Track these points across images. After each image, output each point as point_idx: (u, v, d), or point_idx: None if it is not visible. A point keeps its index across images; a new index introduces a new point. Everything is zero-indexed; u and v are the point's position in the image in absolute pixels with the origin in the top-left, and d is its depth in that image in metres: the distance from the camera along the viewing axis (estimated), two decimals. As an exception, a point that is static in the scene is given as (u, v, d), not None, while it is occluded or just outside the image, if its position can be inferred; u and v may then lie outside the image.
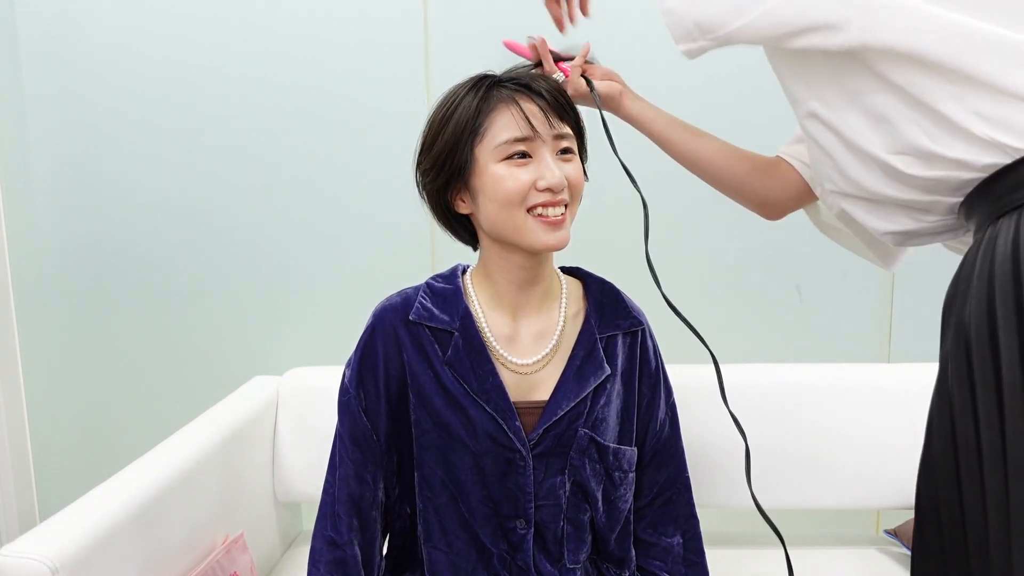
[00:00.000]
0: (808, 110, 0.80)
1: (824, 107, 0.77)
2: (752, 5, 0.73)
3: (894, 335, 1.70)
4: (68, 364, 1.78)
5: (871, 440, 1.47)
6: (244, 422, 1.42)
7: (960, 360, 0.69)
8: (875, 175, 0.76)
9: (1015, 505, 0.64)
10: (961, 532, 0.70)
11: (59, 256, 1.75)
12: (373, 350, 0.99)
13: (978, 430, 0.67)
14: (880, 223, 0.81)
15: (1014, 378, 0.65)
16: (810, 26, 0.71)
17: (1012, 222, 0.67)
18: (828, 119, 0.77)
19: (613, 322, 1.04)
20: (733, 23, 0.75)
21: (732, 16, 0.74)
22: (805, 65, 0.78)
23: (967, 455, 0.69)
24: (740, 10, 0.74)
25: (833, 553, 1.48)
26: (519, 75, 0.97)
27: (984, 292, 0.68)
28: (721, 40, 0.77)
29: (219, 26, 1.66)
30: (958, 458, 0.70)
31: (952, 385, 0.71)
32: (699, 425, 1.47)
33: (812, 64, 0.77)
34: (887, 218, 0.80)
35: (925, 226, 0.79)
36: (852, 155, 0.77)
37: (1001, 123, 0.67)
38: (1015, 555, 0.64)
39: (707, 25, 0.76)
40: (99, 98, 1.69)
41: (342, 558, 0.98)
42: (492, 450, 0.97)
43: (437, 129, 0.97)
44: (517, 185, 0.92)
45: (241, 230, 1.72)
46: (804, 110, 0.81)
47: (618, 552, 1.05)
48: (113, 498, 1.06)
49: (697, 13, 0.76)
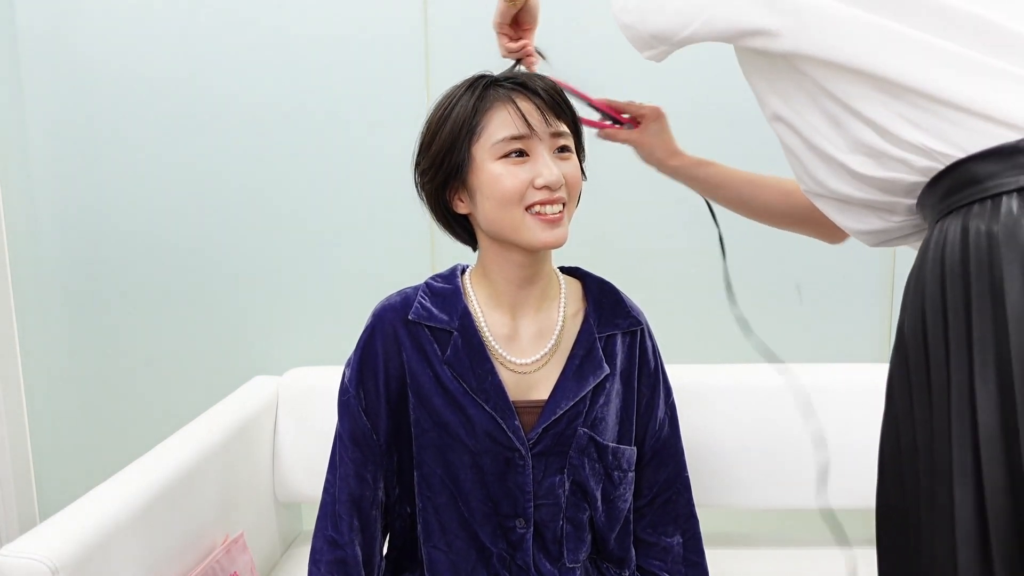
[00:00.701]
0: (773, 112, 0.82)
1: (785, 106, 0.79)
2: (694, 16, 0.77)
3: (894, 335, 1.70)
4: (68, 364, 1.78)
5: (871, 440, 1.46)
6: (244, 422, 1.42)
7: (901, 366, 0.73)
8: (837, 175, 0.78)
9: (939, 502, 0.66)
10: (906, 534, 0.72)
11: (59, 256, 1.75)
12: (373, 350, 0.99)
13: (915, 433, 0.70)
14: (852, 223, 0.83)
15: (939, 379, 0.67)
16: (747, 32, 0.74)
17: (942, 228, 0.69)
18: (791, 120, 0.79)
19: (612, 321, 1.04)
20: (682, 32, 0.79)
21: (679, 27, 0.79)
22: (764, 63, 0.80)
23: (909, 458, 0.72)
24: (684, 22, 0.78)
25: (833, 553, 1.47)
26: (515, 74, 0.97)
27: (918, 300, 0.70)
28: (678, 43, 0.81)
29: (219, 26, 1.66)
30: (901, 463, 0.73)
31: (896, 393, 0.74)
32: (699, 425, 1.47)
33: (769, 62, 0.79)
34: (857, 218, 0.82)
35: (893, 226, 0.80)
36: (815, 156, 0.79)
37: (929, 130, 0.69)
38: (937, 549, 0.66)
39: (660, 35, 0.81)
40: (99, 100, 1.70)
41: (343, 558, 0.98)
42: (491, 449, 0.97)
43: (435, 129, 0.97)
44: (515, 183, 0.92)
45: (241, 230, 1.72)
46: (769, 112, 0.83)
47: (618, 552, 1.05)
48: (113, 498, 1.07)
49: (649, 26, 0.81)
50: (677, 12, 0.78)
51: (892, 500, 0.75)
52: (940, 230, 0.69)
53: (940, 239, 0.69)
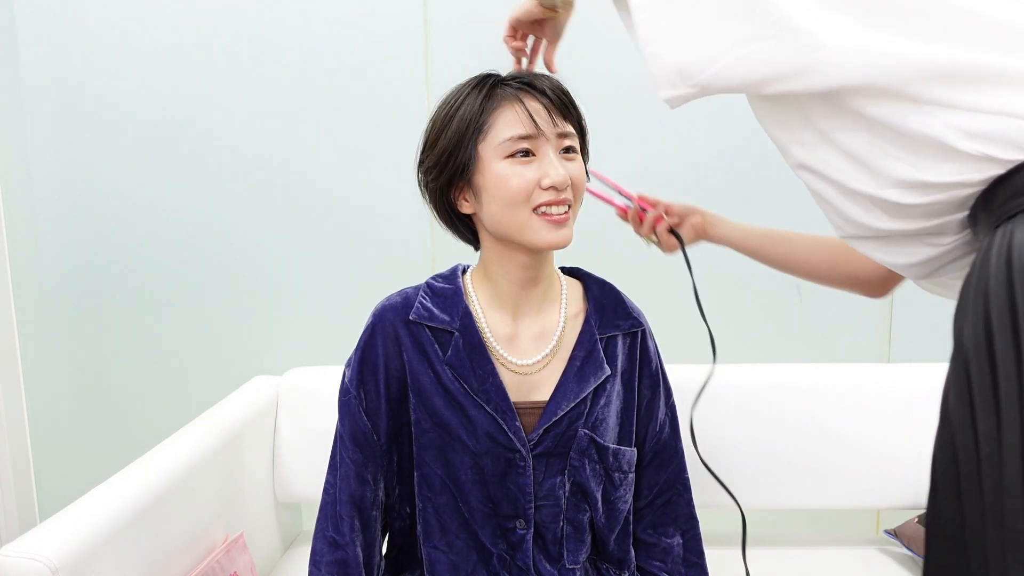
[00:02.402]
0: (797, 161, 0.80)
1: (809, 154, 0.77)
2: (722, 53, 0.74)
3: (894, 335, 1.70)
4: (68, 364, 1.78)
5: (871, 440, 1.47)
6: (244, 422, 1.42)
7: (960, 376, 0.69)
8: (874, 213, 0.75)
9: (1010, 521, 0.64)
10: (963, 550, 0.70)
11: (59, 257, 1.75)
12: (373, 349, 0.99)
13: (977, 446, 0.67)
14: (897, 258, 0.80)
15: (1010, 390, 0.64)
16: (780, 73, 0.71)
17: (1006, 231, 0.67)
18: (816, 167, 0.77)
19: (613, 323, 1.04)
20: (708, 68, 0.75)
21: (705, 63, 0.75)
22: (782, 110, 0.78)
23: (969, 473, 0.69)
24: (712, 57, 0.74)
25: (833, 553, 1.48)
26: (522, 74, 0.97)
27: (980, 305, 0.67)
28: (700, 86, 0.76)
29: (219, 26, 1.66)
30: (959, 477, 0.70)
31: (952, 403, 0.71)
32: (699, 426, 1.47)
33: (787, 107, 0.77)
34: (903, 252, 0.79)
35: (944, 250, 0.78)
36: (846, 198, 0.77)
37: (988, 137, 0.67)
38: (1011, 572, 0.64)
39: (685, 71, 0.76)
40: (99, 99, 1.69)
41: (344, 559, 0.98)
42: (492, 450, 0.97)
43: (440, 127, 0.96)
44: (521, 183, 0.91)
45: (241, 230, 1.72)
46: (793, 161, 0.81)
47: (618, 553, 1.05)
48: (113, 498, 1.06)
49: (676, 58, 0.76)
50: (704, 47, 0.75)
51: (947, 516, 0.72)
52: (1003, 234, 0.67)
53: (1004, 243, 0.66)
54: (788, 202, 1.67)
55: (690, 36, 0.75)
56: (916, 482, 1.47)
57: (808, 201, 0.82)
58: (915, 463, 1.46)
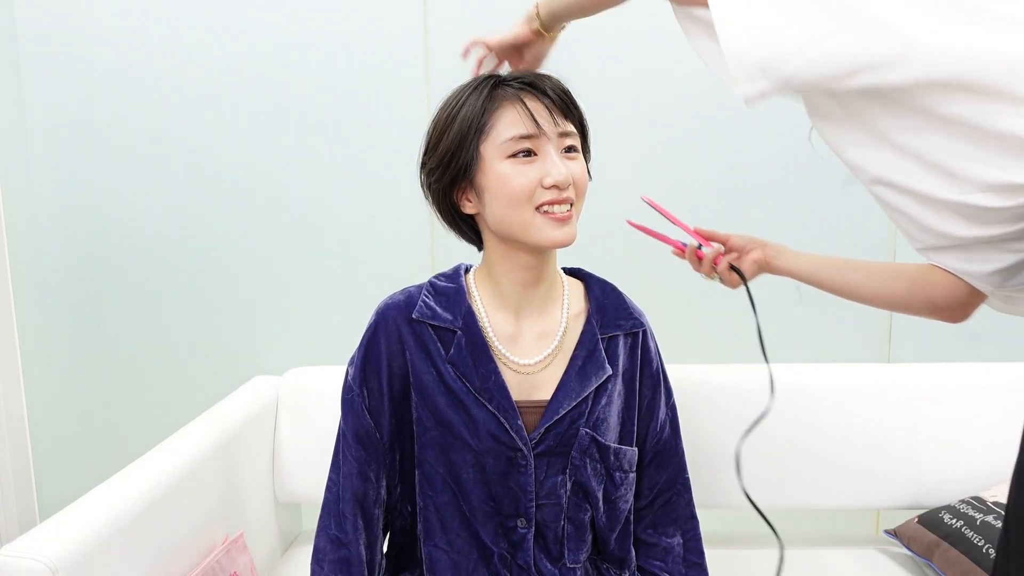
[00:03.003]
0: (874, 176, 0.78)
1: (881, 166, 0.76)
2: (812, 44, 0.72)
3: (894, 335, 1.70)
4: (68, 364, 1.78)
5: (871, 440, 1.47)
6: (244, 422, 1.42)
7: None
8: (954, 221, 0.74)
9: None
10: None
11: (59, 256, 1.75)
12: (376, 348, 0.99)
13: None
14: (978, 266, 0.79)
15: None
16: (866, 64, 0.70)
17: None
18: (891, 178, 0.75)
19: (615, 323, 1.04)
20: (793, 59, 0.73)
21: (790, 52, 0.73)
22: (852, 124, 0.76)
23: None
24: (798, 47, 0.72)
25: (833, 553, 1.48)
26: (523, 74, 0.97)
27: None
28: (782, 80, 0.75)
29: (219, 26, 1.66)
30: None
31: None
32: (699, 426, 1.47)
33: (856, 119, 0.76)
34: (984, 260, 0.78)
35: None
36: (926, 207, 0.75)
37: None
38: None
39: (767, 64, 0.74)
40: (100, 99, 1.69)
41: (347, 557, 0.98)
42: (494, 449, 0.97)
43: (442, 128, 0.96)
44: (524, 183, 0.92)
45: (241, 230, 1.72)
46: (867, 176, 0.79)
47: (618, 552, 1.05)
48: (113, 498, 1.06)
49: (761, 52, 0.74)
50: (790, 40, 0.73)
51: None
52: None
53: None
54: (789, 202, 1.67)
55: (776, 30, 0.73)
56: (916, 482, 1.47)
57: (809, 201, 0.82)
58: (915, 463, 1.47)
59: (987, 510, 1.34)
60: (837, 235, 1.66)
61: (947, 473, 1.46)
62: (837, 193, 1.64)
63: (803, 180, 1.64)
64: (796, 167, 1.63)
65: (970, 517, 1.34)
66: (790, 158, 1.62)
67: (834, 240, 1.66)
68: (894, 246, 1.67)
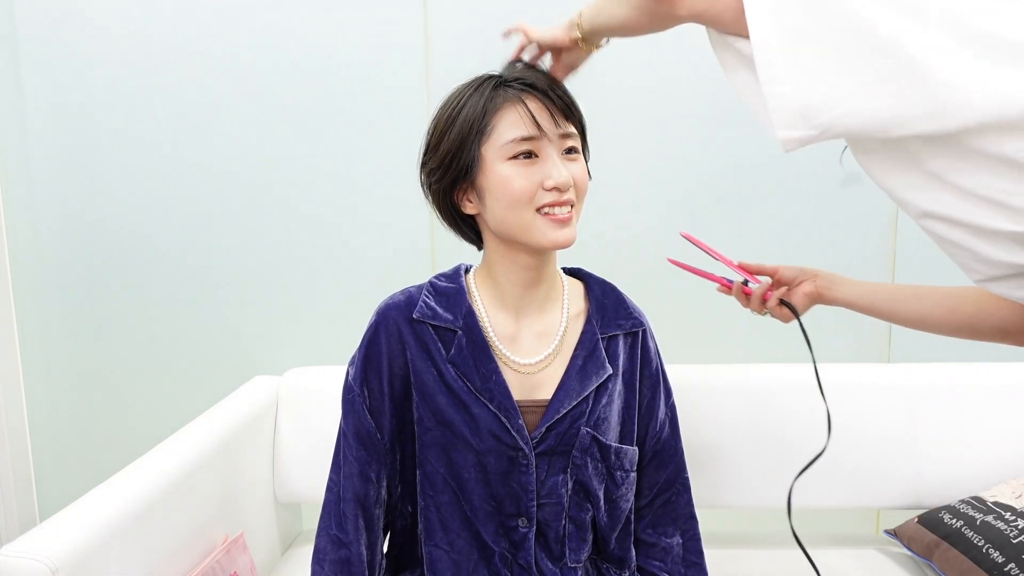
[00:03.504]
0: (921, 210, 0.76)
1: (930, 200, 0.74)
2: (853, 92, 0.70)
3: (894, 335, 1.70)
4: (68, 364, 1.78)
5: (871, 440, 1.47)
6: (244, 422, 1.42)
7: None
8: (1011, 249, 0.72)
9: None
10: None
11: (59, 257, 1.75)
12: (377, 348, 0.99)
13: None
14: None
15: None
16: (911, 115, 0.68)
17: None
18: (942, 212, 0.73)
19: (614, 322, 1.04)
20: (836, 107, 0.71)
21: (835, 101, 0.71)
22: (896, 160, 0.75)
23: None
24: (844, 95, 0.70)
25: (833, 553, 1.48)
26: (524, 75, 0.97)
27: None
28: (822, 128, 0.72)
29: (219, 26, 1.66)
30: None
31: None
32: (699, 425, 1.47)
33: (900, 156, 0.74)
34: None
35: None
36: (983, 239, 0.73)
37: None
38: None
39: (809, 110, 0.72)
40: (100, 98, 1.69)
41: (347, 557, 0.98)
42: (495, 448, 0.97)
43: (443, 129, 0.96)
44: (525, 184, 0.92)
45: (242, 231, 1.72)
46: (916, 211, 0.77)
47: (618, 552, 1.05)
48: (113, 498, 1.06)
49: (802, 95, 0.72)
50: (832, 88, 0.70)
51: None
52: None
53: None
54: (789, 202, 1.67)
55: (818, 76, 0.71)
56: (916, 482, 1.47)
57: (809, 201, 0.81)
58: (915, 463, 1.47)
59: (987, 510, 1.34)
60: (837, 235, 1.66)
61: (947, 473, 1.46)
62: (837, 193, 1.65)
63: (803, 180, 1.64)
64: (796, 167, 1.63)
65: (970, 517, 1.34)
66: (790, 158, 1.62)
67: (834, 240, 1.66)
68: (894, 246, 1.67)
